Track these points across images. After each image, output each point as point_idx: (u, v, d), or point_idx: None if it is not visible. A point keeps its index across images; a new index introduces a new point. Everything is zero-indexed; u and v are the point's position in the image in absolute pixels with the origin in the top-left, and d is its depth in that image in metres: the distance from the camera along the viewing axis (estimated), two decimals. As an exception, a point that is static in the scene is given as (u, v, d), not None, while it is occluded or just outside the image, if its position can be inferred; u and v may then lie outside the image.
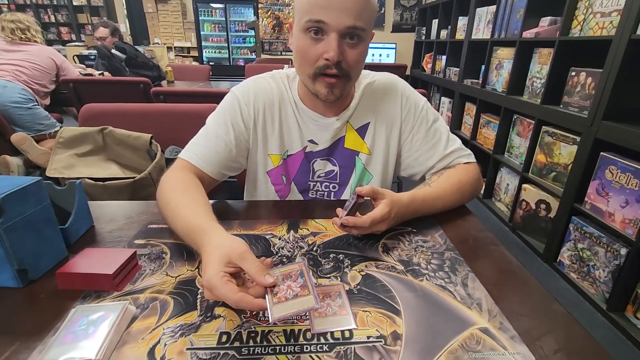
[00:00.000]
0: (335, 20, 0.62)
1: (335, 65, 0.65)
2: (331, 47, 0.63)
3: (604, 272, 1.48)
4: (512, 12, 2.25)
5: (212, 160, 0.74)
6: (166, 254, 0.58)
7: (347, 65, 0.66)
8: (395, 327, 0.44)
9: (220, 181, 0.78)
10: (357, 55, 0.67)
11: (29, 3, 5.57)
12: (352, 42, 0.65)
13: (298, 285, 0.43)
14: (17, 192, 0.47)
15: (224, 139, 0.75)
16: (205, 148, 0.74)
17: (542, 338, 0.43)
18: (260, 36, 5.05)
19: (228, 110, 0.77)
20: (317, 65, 0.66)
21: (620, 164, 1.41)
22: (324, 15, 0.62)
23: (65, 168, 1.18)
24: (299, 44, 0.67)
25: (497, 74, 2.41)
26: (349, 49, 0.65)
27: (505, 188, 2.30)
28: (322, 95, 0.69)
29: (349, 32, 0.64)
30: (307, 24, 0.64)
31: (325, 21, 0.62)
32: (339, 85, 0.68)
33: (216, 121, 0.77)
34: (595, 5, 1.62)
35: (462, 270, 0.56)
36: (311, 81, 0.69)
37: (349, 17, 0.62)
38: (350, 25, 0.62)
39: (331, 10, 0.61)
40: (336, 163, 0.82)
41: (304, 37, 0.66)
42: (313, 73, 0.67)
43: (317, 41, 0.65)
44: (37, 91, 2.21)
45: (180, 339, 0.41)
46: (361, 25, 0.63)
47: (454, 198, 0.74)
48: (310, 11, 0.63)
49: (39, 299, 0.48)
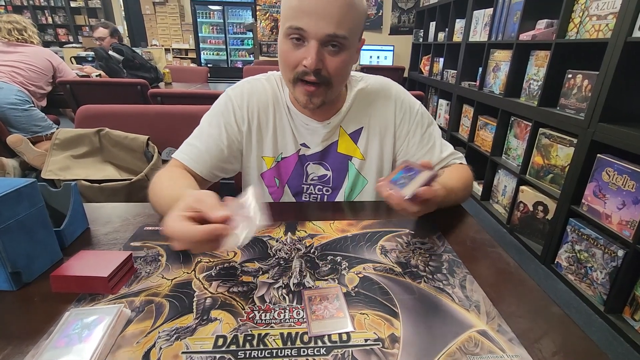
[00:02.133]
0: (315, 28, 0.61)
1: (314, 72, 0.64)
2: (309, 55, 0.63)
3: (601, 273, 1.49)
4: (509, 14, 2.26)
5: (203, 160, 0.74)
6: (162, 257, 0.57)
7: (327, 73, 0.66)
8: (393, 330, 0.44)
9: (212, 182, 0.78)
10: (338, 63, 0.65)
11: (26, 4, 5.56)
12: (333, 50, 0.64)
13: (334, 307, 0.47)
14: (11, 193, 0.47)
15: (216, 139, 0.75)
16: (197, 148, 0.74)
17: (540, 340, 0.43)
18: (258, 38, 5.06)
19: (221, 112, 0.77)
20: (296, 71, 0.66)
21: (617, 166, 1.41)
22: (304, 22, 0.61)
23: (61, 170, 1.17)
24: (281, 48, 0.67)
25: (494, 76, 2.42)
26: (330, 57, 0.65)
27: (503, 190, 2.31)
28: (301, 103, 0.69)
29: (329, 40, 0.63)
30: (288, 30, 0.63)
31: (304, 29, 0.62)
32: (318, 93, 0.68)
33: (209, 122, 0.77)
34: (591, 8, 1.63)
35: (460, 272, 0.55)
36: (292, 86, 0.69)
37: (329, 25, 0.61)
38: (330, 34, 0.62)
39: (312, 18, 0.61)
40: (329, 167, 0.82)
41: (286, 42, 0.65)
42: (293, 78, 0.67)
43: (297, 47, 0.64)
44: (33, 93, 2.20)
45: (176, 343, 0.41)
46: (342, 33, 0.62)
47: (461, 193, 0.75)
48: (291, 17, 0.62)
49: (32, 302, 0.47)
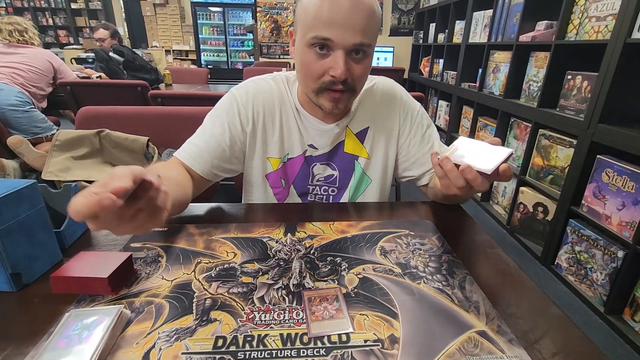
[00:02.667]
0: (342, 37, 0.60)
1: (341, 81, 0.64)
2: (338, 65, 0.62)
3: (601, 274, 1.48)
4: (509, 16, 2.27)
5: (204, 160, 0.73)
6: (162, 258, 0.57)
7: (352, 80, 0.66)
8: (392, 331, 0.44)
9: (212, 182, 0.78)
10: (363, 70, 0.66)
11: (27, 6, 5.57)
12: (357, 58, 0.64)
13: (334, 308, 0.47)
14: (11, 195, 0.47)
15: (218, 139, 0.75)
16: (198, 147, 0.74)
17: (540, 341, 0.43)
18: (258, 39, 5.07)
19: (225, 111, 0.77)
20: (322, 81, 0.65)
21: (617, 167, 1.41)
22: (329, 32, 0.60)
23: (61, 171, 1.17)
24: (304, 58, 0.65)
25: (494, 77, 2.42)
26: (355, 65, 0.64)
27: (503, 191, 2.31)
28: (327, 109, 0.69)
29: (355, 49, 0.63)
30: (313, 40, 0.62)
31: (331, 38, 0.61)
32: (343, 99, 0.68)
33: (212, 121, 0.77)
34: (590, 10, 1.63)
35: (460, 273, 0.55)
36: (315, 95, 0.68)
37: (356, 34, 0.61)
38: (357, 43, 0.61)
39: (337, 27, 0.60)
40: (336, 167, 0.82)
41: (309, 52, 0.64)
42: (318, 88, 0.66)
43: (322, 57, 0.63)
44: (34, 94, 2.20)
45: (176, 344, 0.41)
46: (367, 41, 0.62)
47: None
48: (315, 27, 0.61)
49: (32, 303, 0.47)
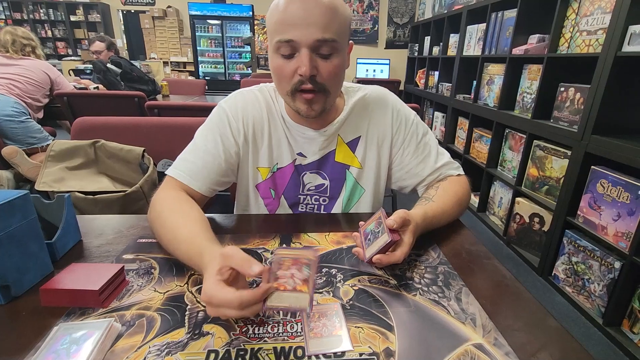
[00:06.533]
0: (304, 35, 0.62)
1: (309, 80, 0.65)
2: (303, 63, 0.63)
3: (599, 285, 1.48)
4: (502, 29, 2.31)
5: (202, 177, 0.73)
6: (155, 269, 0.56)
7: (322, 79, 0.66)
8: (388, 344, 0.43)
9: (209, 197, 0.77)
10: (332, 68, 0.66)
11: (26, 18, 5.61)
12: (324, 55, 0.65)
13: (301, 278, 0.44)
14: (3, 205, 0.46)
15: (213, 153, 0.74)
16: (194, 164, 0.73)
17: (537, 354, 0.42)
18: (255, 52, 5.12)
19: (216, 125, 0.76)
20: (293, 82, 0.67)
21: (611, 178, 1.42)
22: (291, 33, 0.62)
23: (55, 181, 1.16)
24: (274, 64, 0.68)
25: (488, 89, 2.45)
26: (323, 62, 0.66)
27: (499, 201, 2.31)
28: (303, 112, 0.70)
29: (319, 45, 0.64)
30: (277, 44, 0.64)
31: (293, 39, 0.63)
32: (317, 100, 0.68)
33: (204, 136, 0.76)
34: (581, 24, 1.67)
35: (456, 284, 0.55)
36: (291, 99, 0.69)
37: (317, 31, 0.62)
38: (319, 39, 0.63)
39: (298, 27, 0.62)
40: (326, 177, 0.82)
41: (277, 56, 0.66)
42: (291, 90, 0.68)
43: (289, 59, 0.65)
44: (30, 105, 2.20)
45: (167, 358, 0.40)
46: (330, 37, 0.63)
47: (454, 211, 0.75)
48: (278, 31, 0.64)
49: (20, 316, 0.46)
